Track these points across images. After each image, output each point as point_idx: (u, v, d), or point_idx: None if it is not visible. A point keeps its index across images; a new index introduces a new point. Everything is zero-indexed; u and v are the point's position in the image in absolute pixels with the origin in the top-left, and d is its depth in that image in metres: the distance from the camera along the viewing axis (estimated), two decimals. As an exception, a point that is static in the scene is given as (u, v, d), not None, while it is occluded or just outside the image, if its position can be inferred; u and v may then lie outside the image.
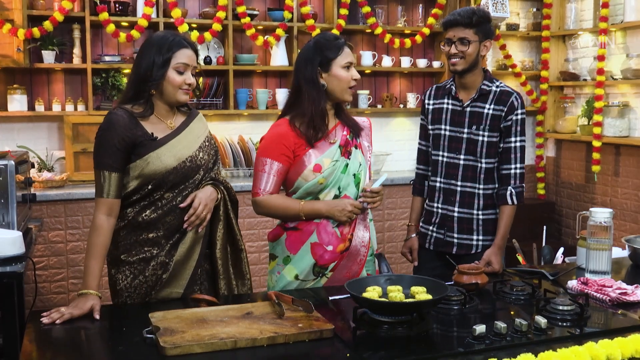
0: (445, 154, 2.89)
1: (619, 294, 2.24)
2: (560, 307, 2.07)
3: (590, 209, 2.58)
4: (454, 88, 2.91)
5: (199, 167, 2.38)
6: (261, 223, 4.82)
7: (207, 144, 2.45)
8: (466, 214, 2.86)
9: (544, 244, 3.43)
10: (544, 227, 3.47)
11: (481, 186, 2.84)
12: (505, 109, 2.80)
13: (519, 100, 2.83)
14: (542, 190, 6.00)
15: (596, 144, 5.17)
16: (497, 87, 2.85)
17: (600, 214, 2.54)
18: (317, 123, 2.50)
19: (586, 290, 2.30)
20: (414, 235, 3.03)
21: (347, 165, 2.56)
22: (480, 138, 2.82)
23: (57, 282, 4.44)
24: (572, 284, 2.40)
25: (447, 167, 2.89)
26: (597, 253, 2.57)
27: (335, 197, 2.55)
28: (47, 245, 4.40)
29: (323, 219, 2.52)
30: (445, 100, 2.93)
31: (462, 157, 2.85)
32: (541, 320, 1.95)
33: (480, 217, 2.86)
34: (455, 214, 2.87)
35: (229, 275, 2.48)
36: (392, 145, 5.70)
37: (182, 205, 2.32)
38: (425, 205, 3.03)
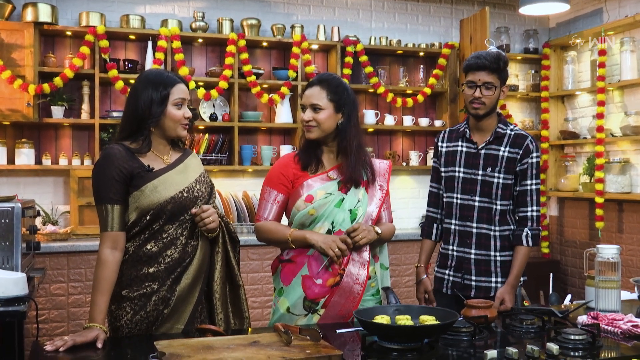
0: (460, 195, 2.85)
1: (631, 326, 2.21)
2: (572, 337, 2.04)
3: (597, 246, 2.57)
4: (468, 131, 2.89)
5: (196, 198, 2.39)
6: (265, 278, 4.78)
7: (202, 178, 2.47)
8: (484, 256, 2.80)
9: (551, 291, 3.39)
10: (551, 274, 3.44)
11: (497, 228, 2.80)
12: (521, 152, 2.79)
13: (534, 144, 2.82)
14: (547, 249, 5.98)
15: (599, 200, 5.19)
16: (512, 130, 2.84)
17: (608, 250, 2.53)
18: (302, 155, 2.59)
19: (597, 323, 2.27)
20: (425, 276, 2.94)
21: (342, 199, 2.54)
22: (496, 180, 2.79)
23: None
24: (582, 318, 2.36)
25: (461, 209, 2.85)
26: (606, 292, 2.55)
27: (329, 231, 2.51)
28: (49, 298, 4.35)
29: (315, 252, 2.49)
30: (459, 143, 2.90)
31: (477, 198, 2.81)
32: (553, 347, 1.92)
33: (498, 258, 2.80)
34: (473, 256, 2.81)
35: (227, 313, 2.45)
36: (396, 203, 5.66)
37: (192, 210, 2.33)
38: (440, 248, 2.97)
